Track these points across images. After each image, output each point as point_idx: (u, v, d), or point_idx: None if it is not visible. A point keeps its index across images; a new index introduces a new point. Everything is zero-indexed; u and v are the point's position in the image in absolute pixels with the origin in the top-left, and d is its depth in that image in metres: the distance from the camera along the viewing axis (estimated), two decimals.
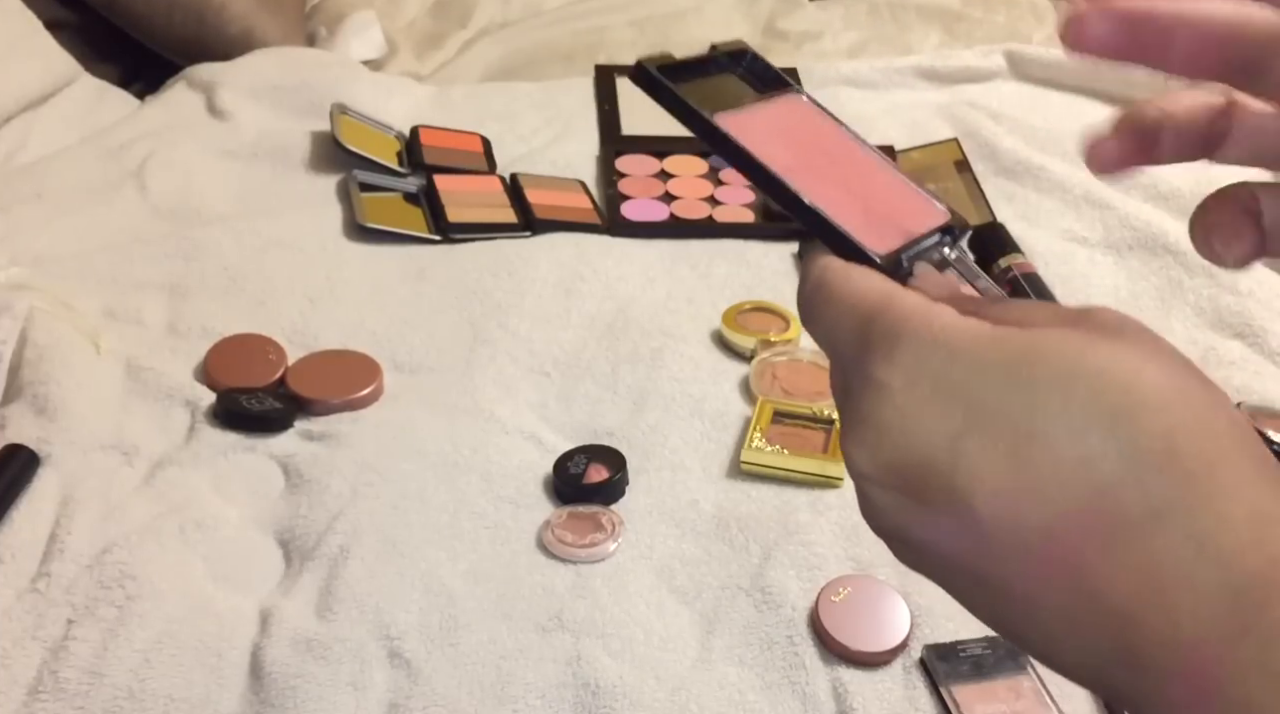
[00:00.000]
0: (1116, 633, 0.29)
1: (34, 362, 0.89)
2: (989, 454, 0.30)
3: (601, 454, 0.86)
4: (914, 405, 0.32)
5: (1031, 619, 0.31)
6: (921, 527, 0.32)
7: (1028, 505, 0.30)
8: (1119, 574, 0.29)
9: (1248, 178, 0.38)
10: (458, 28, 1.66)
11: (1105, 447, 0.29)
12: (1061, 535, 0.29)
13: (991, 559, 0.31)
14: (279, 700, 0.68)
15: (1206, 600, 0.28)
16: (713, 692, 0.70)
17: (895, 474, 0.32)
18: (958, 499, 0.31)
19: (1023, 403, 0.30)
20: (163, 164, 1.20)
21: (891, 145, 1.31)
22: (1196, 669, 0.28)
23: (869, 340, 0.34)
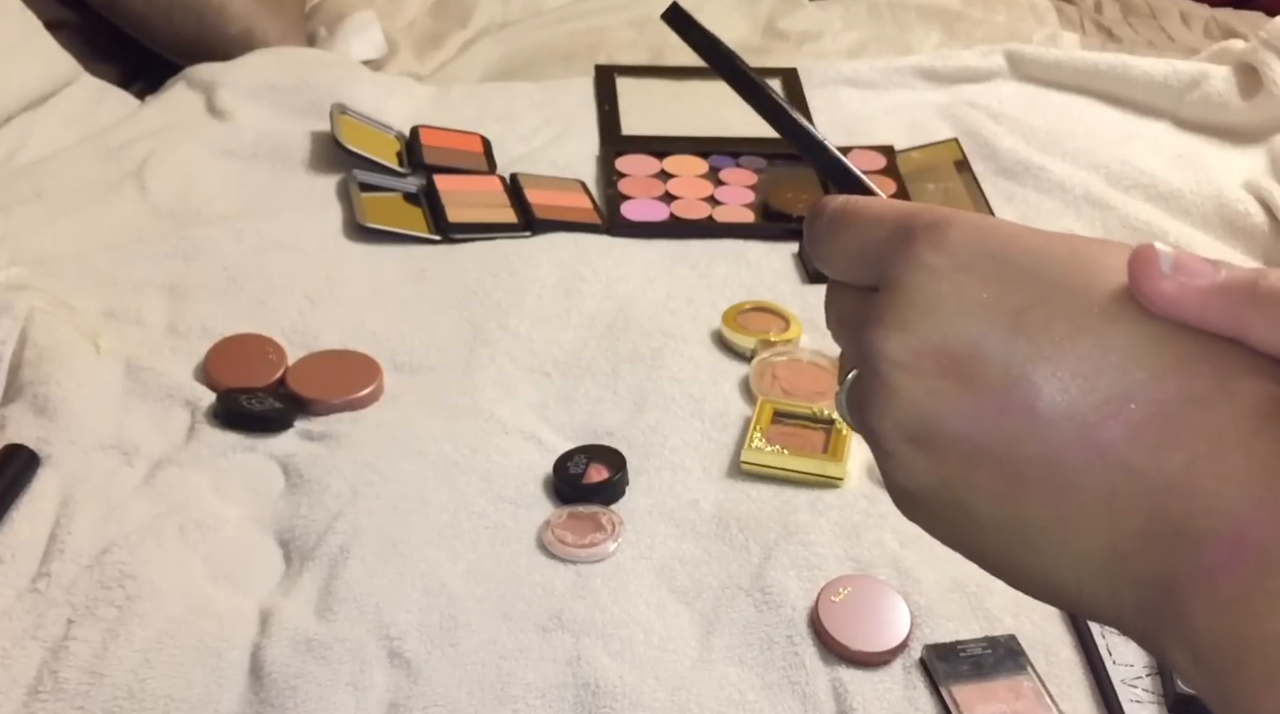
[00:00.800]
0: (1159, 507, 0.29)
1: (34, 362, 0.89)
2: (1055, 329, 0.30)
3: (601, 454, 0.86)
4: (971, 282, 0.31)
5: (1058, 510, 0.30)
6: (956, 412, 0.31)
7: (1091, 382, 0.29)
8: (1173, 446, 0.29)
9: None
10: (458, 28, 1.66)
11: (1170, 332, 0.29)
12: (1121, 414, 0.29)
13: (1036, 439, 0.30)
14: (279, 700, 0.68)
15: (1259, 466, 0.28)
16: (713, 692, 0.70)
17: (939, 354, 0.32)
18: (1016, 374, 0.30)
19: (1091, 283, 0.30)
20: (163, 164, 1.20)
21: (891, 145, 1.32)
22: (1240, 530, 0.27)
23: (913, 233, 0.33)
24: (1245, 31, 1.66)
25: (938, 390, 0.32)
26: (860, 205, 0.36)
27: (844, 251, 0.36)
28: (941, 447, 0.32)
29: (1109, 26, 1.76)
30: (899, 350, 0.32)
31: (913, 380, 0.32)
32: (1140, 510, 0.29)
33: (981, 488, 0.32)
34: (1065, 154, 1.28)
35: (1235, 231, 1.17)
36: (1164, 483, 0.29)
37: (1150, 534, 0.29)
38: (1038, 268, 0.31)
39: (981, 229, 0.32)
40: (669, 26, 0.44)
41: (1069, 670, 0.72)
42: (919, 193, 1.25)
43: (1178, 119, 1.37)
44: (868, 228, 0.35)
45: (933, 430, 0.32)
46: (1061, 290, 0.31)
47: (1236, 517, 0.28)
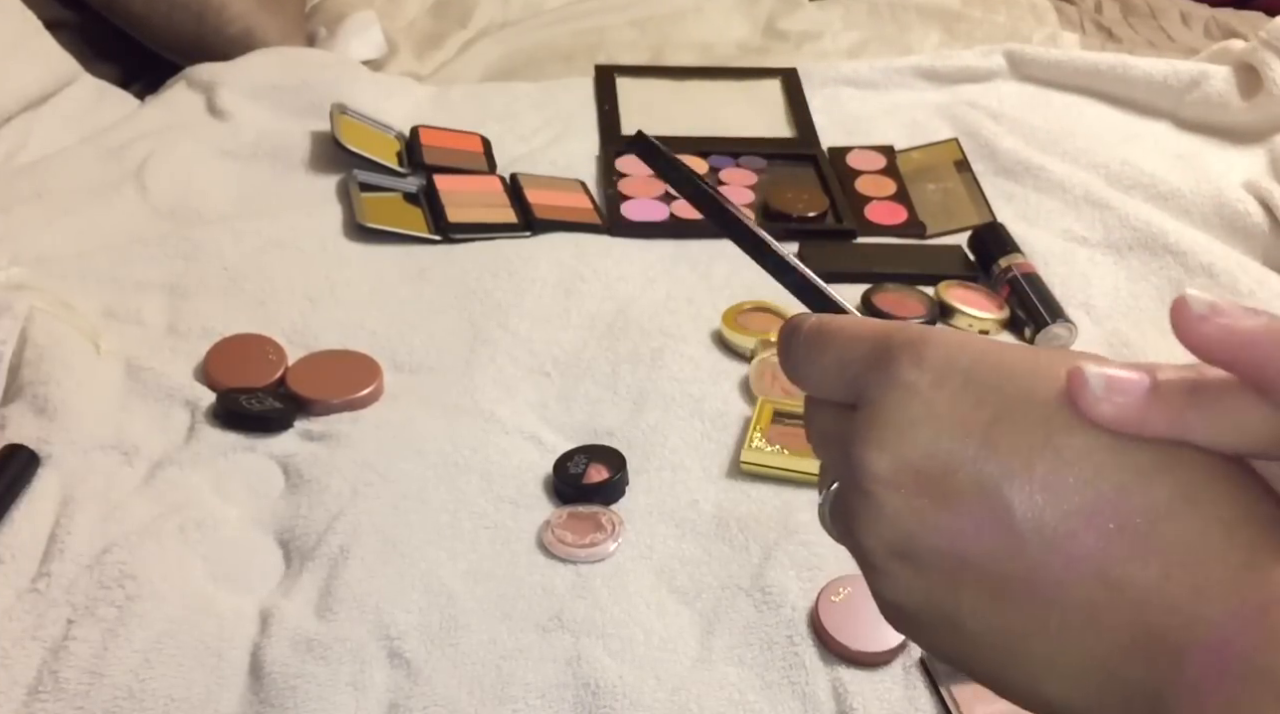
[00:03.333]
0: (1139, 619, 0.29)
1: (34, 362, 0.89)
2: (1022, 444, 0.31)
3: (601, 454, 0.86)
4: (943, 400, 0.32)
5: (1043, 624, 0.31)
6: (936, 530, 0.32)
7: (1060, 495, 0.30)
8: (1148, 558, 0.29)
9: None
10: (458, 28, 1.65)
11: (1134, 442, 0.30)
12: (1093, 524, 0.30)
13: (1014, 555, 0.31)
14: (279, 700, 0.68)
15: (1233, 578, 0.28)
16: (713, 692, 0.70)
17: (917, 472, 0.32)
18: (988, 489, 0.31)
19: (1054, 397, 0.31)
20: (163, 164, 1.20)
21: (891, 145, 1.32)
22: (1221, 643, 0.28)
23: (890, 352, 0.34)
24: (1245, 31, 1.66)
25: (919, 507, 0.32)
26: (837, 325, 0.37)
27: (822, 371, 0.37)
28: (925, 562, 0.33)
29: (1109, 26, 1.76)
30: (882, 468, 0.33)
31: (895, 497, 0.33)
32: (1122, 623, 0.30)
33: (967, 602, 0.32)
34: (1065, 154, 1.28)
35: (1235, 231, 1.17)
36: (1141, 595, 0.29)
37: (1134, 647, 0.30)
38: (1005, 384, 0.32)
39: (954, 346, 0.33)
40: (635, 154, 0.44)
41: None
42: (919, 193, 1.25)
43: (1178, 119, 1.37)
44: (846, 347, 0.36)
45: (916, 546, 0.33)
46: (1025, 406, 0.31)
47: (1216, 628, 0.28)
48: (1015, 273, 1.07)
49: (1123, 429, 0.30)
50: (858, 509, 0.34)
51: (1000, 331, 1.04)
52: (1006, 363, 0.33)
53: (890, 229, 1.19)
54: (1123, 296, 1.09)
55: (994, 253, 1.11)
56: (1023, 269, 1.08)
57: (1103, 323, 1.06)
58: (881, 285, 1.07)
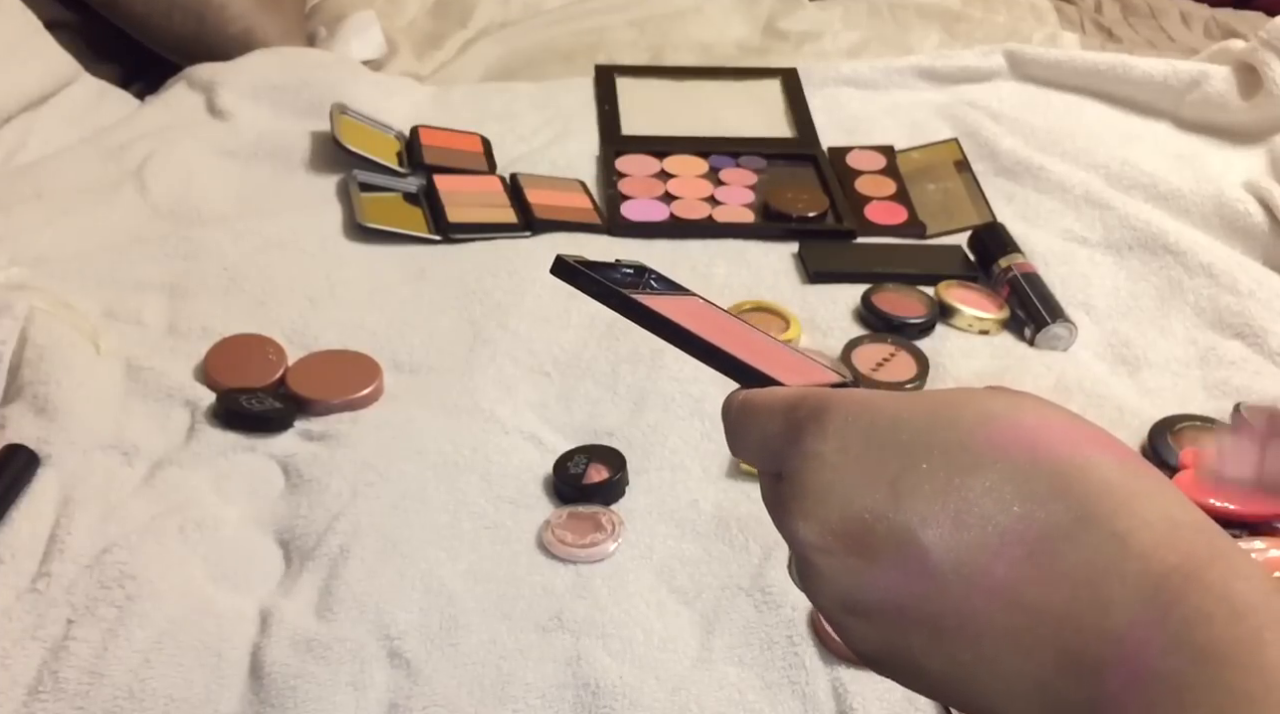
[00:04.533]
0: (1057, 640, 0.31)
1: (34, 361, 0.89)
2: (925, 489, 0.33)
3: (601, 454, 0.86)
4: (849, 463, 0.34)
5: (979, 653, 0.32)
6: (871, 582, 0.34)
7: (967, 532, 0.32)
8: (1055, 581, 0.31)
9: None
10: (458, 28, 1.65)
11: (1027, 469, 0.32)
12: (1000, 554, 0.32)
13: (941, 595, 0.33)
14: (279, 700, 0.68)
15: (1133, 590, 0.30)
16: (713, 692, 0.70)
17: (841, 534, 0.34)
18: (903, 538, 0.33)
19: (949, 440, 0.33)
20: (163, 164, 1.20)
21: (891, 145, 1.32)
22: (1130, 654, 0.30)
23: (798, 423, 0.37)
24: (1245, 31, 1.66)
25: (850, 567, 0.34)
26: (754, 402, 0.39)
27: (748, 447, 0.39)
28: (871, 614, 0.35)
29: (1109, 26, 1.76)
30: (809, 536, 0.35)
31: (828, 561, 0.35)
32: (1043, 643, 0.31)
33: (916, 644, 0.34)
34: (1065, 154, 1.28)
35: (1235, 231, 1.17)
36: (1054, 615, 0.31)
37: (1060, 665, 0.31)
38: (900, 436, 0.34)
39: (855, 408, 0.35)
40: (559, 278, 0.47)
41: None
42: (919, 193, 1.25)
43: (1178, 119, 1.37)
44: (762, 423, 0.38)
45: (859, 601, 0.35)
46: (921, 453, 0.33)
47: (1124, 641, 0.30)
48: (1015, 273, 1.07)
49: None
50: (804, 573, 0.36)
51: (1000, 331, 1.04)
52: (903, 416, 0.34)
53: (890, 229, 1.19)
54: (1123, 296, 1.09)
55: (994, 253, 1.11)
56: (1023, 269, 1.08)
57: (1103, 323, 1.06)
58: (881, 285, 1.07)
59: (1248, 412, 0.92)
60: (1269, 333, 1.03)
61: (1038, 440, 0.33)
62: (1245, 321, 1.04)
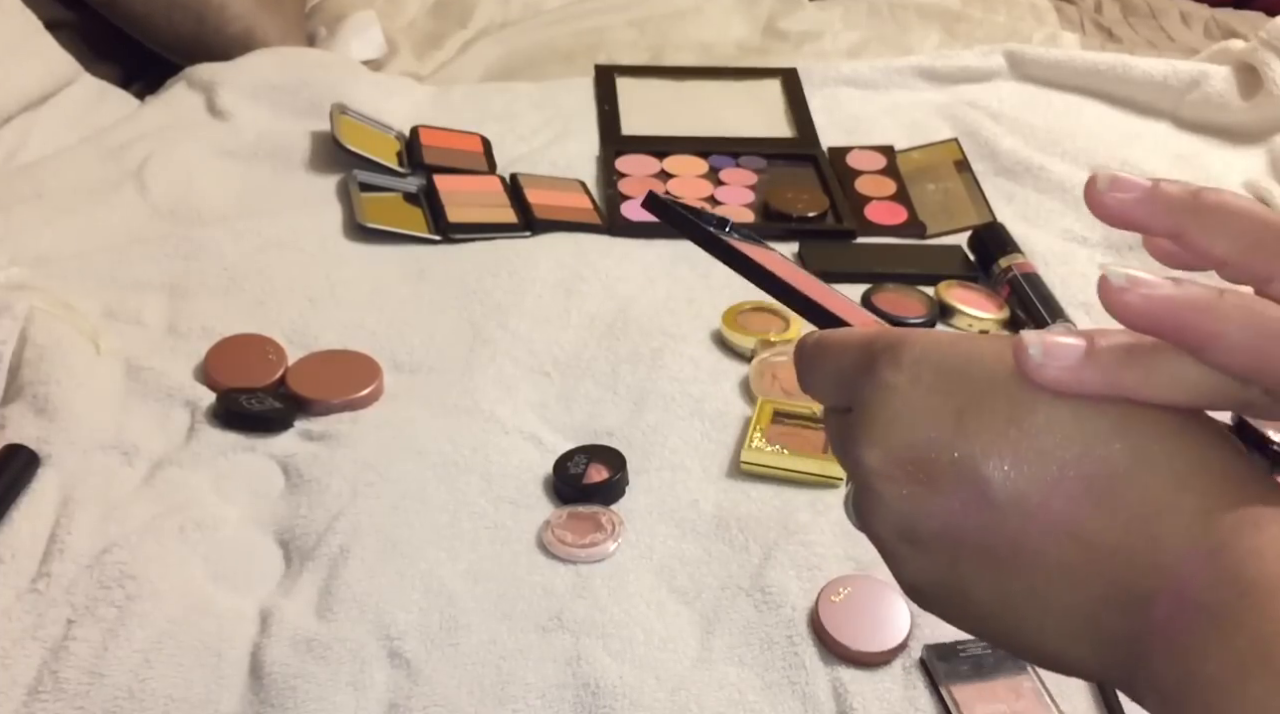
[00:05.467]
0: (1109, 572, 0.32)
1: (34, 361, 0.89)
2: (990, 423, 0.34)
3: (601, 454, 0.86)
4: (920, 394, 0.35)
5: (1031, 584, 0.34)
6: (930, 510, 0.35)
7: (1029, 465, 0.33)
8: (1111, 516, 0.32)
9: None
10: (458, 28, 1.65)
11: (1091, 409, 0.33)
12: (1060, 489, 0.33)
13: (999, 526, 0.34)
14: (279, 700, 0.68)
15: (1186, 526, 0.31)
16: (713, 692, 0.70)
17: (906, 462, 0.35)
18: (966, 469, 0.34)
19: (1015, 380, 0.34)
20: (163, 164, 1.20)
21: (891, 145, 1.32)
22: (1179, 585, 0.31)
23: (874, 355, 0.37)
24: (1245, 31, 1.66)
25: (911, 494, 0.35)
26: (830, 338, 0.40)
27: (822, 381, 0.41)
28: (927, 543, 0.36)
29: (1109, 26, 1.76)
30: (874, 462, 0.36)
31: (891, 487, 0.36)
32: (1096, 576, 0.33)
33: (968, 575, 0.35)
34: (1065, 154, 1.28)
35: None
36: (1108, 549, 0.32)
37: (1110, 597, 0.32)
38: (972, 371, 0.35)
39: (927, 344, 0.37)
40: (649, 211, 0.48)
41: None
42: (919, 193, 1.25)
43: (1178, 119, 1.37)
44: (838, 357, 0.39)
45: (916, 530, 0.36)
46: (990, 388, 0.35)
47: (1174, 574, 0.31)
48: (1015, 273, 1.07)
49: (1064, 390, 0.34)
50: (865, 502, 0.37)
51: (1000, 332, 1.04)
52: (973, 353, 0.36)
53: (890, 229, 1.19)
54: None
55: (994, 253, 1.11)
56: (1023, 269, 1.08)
57: (1102, 323, 1.06)
58: (881, 285, 1.07)
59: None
60: None
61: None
62: None
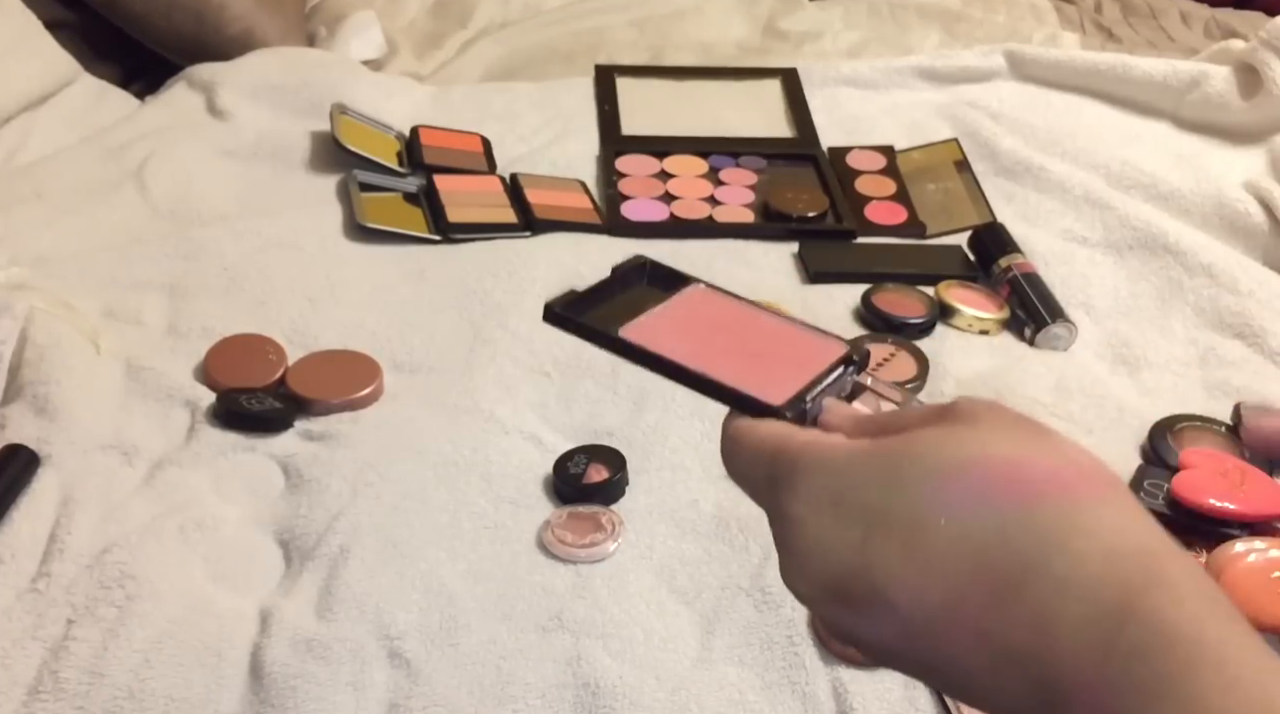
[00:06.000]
0: (1029, 676, 0.33)
1: (34, 362, 0.89)
2: (889, 549, 0.35)
3: (601, 454, 0.86)
4: (821, 529, 0.37)
5: (969, 683, 0.35)
6: (862, 630, 0.37)
7: (929, 585, 0.34)
8: (1013, 625, 0.33)
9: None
10: (458, 28, 1.65)
11: (975, 522, 0.34)
12: (963, 605, 0.34)
13: (918, 641, 0.35)
14: (279, 700, 0.68)
15: (1078, 631, 0.32)
16: (713, 692, 0.70)
17: (827, 591, 0.37)
18: (877, 596, 0.35)
19: (903, 500, 0.35)
20: (163, 164, 1.20)
21: (891, 145, 1.31)
22: (1086, 690, 0.31)
23: (775, 480, 0.39)
24: (1245, 31, 1.66)
25: (842, 615, 0.37)
26: (740, 440, 0.42)
27: (740, 483, 0.42)
28: (870, 649, 0.38)
29: (1109, 26, 1.76)
30: (803, 588, 0.38)
31: (824, 610, 0.38)
32: (1016, 679, 0.33)
33: (914, 671, 0.37)
34: (1065, 154, 1.28)
35: (1235, 231, 1.17)
36: (1019, 653, 0.33)
37: (1036, 697, 0.33)
38: (863, 498, 0.36)
39: (820, 471, 0.38)
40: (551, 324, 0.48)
41: None
42: (919, 193, 1.25)
43: (1178, 119, 1.37)
44: (750, 465, 0.41)
45: (857, 640, 0.38)
46: (883, 515, 0.36)
47: (1079, 682, 0.32)
48: (1015, 273, 1.07)
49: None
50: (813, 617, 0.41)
51: (1000, 331, 1.04)
52: (865, 477, 0.37)
53: (890, 229, 1.19)
54: (1123, 296, 1.09)
55: (994, 253, 1.11)
56: (1023, 269, 1.08)
57: (1103, 323, 1.06)
58: (881, 285, 1.07)
59: (1247, 412, 0.92)
60: (1269, 333, 1.03)
61: (982, 491, 0.34)
62: (1245, 321, 1.04)
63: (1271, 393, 0.97)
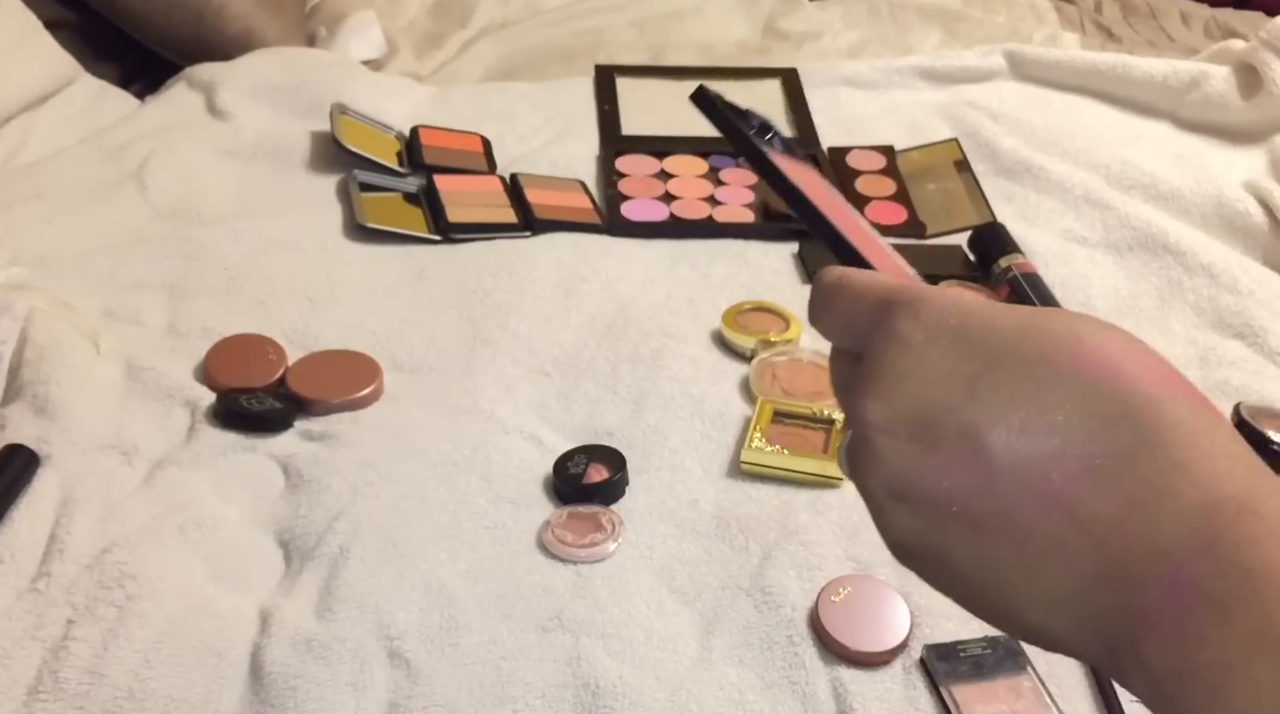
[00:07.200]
0: (1103, 551, 0.32)
1: (34, 362, 0.89)
2: (1002, 394, 0.34)
3: (601, 454, 0.86)
4: (936, 353, 0.36)
5: (1019, 555, 0.34)
6: (926, 470, 0.35)
7: (1033, 439, 0.33)
8: (1111, 496, 0.32)
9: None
10: (458, 28, 1.65)
11: (1104, 391, 0.33)
12: (1063, 464, 0.33)
13: (995, 494, 0.34)
14: (279, 700, 0.68)
15: (1187, 512, 0.31)
16: (713, 692, 0.70)
17: (910, 420, 0.36)
18: (970, 434, 0.34)
19: (1035, 352, 0.34)
20: (163, 164, 1.20)
21: (891, 145, 1.32)
22: (1174, 571, 0.31)
23: (893, 306, 0.37)
24: (1245, 31, 1.66)
25: (909, 452, 0.36)
26: (850, 279, 0.40)
27: (834, 321, 0.40)
28: (918, 502, 0.36)
29: (1109, 26, 1.76)
30: (876, 416, 0.36)
31: (889, 443, 0.36)
32: (1089, 555, 0.33)
33: (955, 539, 0.35)
34: (1065, 154, 1.28)
35: (1235, 231, 1.17)
36: (1105, 529, 0.32)
37: (1102, 576, 0.33)
38: (989, 339, 0.35)
39: (948, 305, 0.37)
40: (695, 106, 0.47)
41: (1069, 670, 0.72)
42: (919, 193, 1.25)
43: (1178, 119, 1.37)
44: (855, 301, 0.39)
45: (909, 488, 0.36)
46: (1006, 360, 0.35)
47: (1171, 559, 0.31)
48: (1015, 273, 1.07)
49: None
50: (860, 453, 0.37)
51: None
52: (997, 321, 0.36)
53: (890, 229, 1.19)
54: (1123, 296, 1.09)
55: (994, 253, 1.11)
56: (1023, 269, 1.08)
57: None
58: None
59: (1247, 411, 0.92)
60: (1269, 333, 1.03)
61: (1119, 368, 0.34)
62: (1245, 321, 1.04)
63: (1271, 393, 0.97)
